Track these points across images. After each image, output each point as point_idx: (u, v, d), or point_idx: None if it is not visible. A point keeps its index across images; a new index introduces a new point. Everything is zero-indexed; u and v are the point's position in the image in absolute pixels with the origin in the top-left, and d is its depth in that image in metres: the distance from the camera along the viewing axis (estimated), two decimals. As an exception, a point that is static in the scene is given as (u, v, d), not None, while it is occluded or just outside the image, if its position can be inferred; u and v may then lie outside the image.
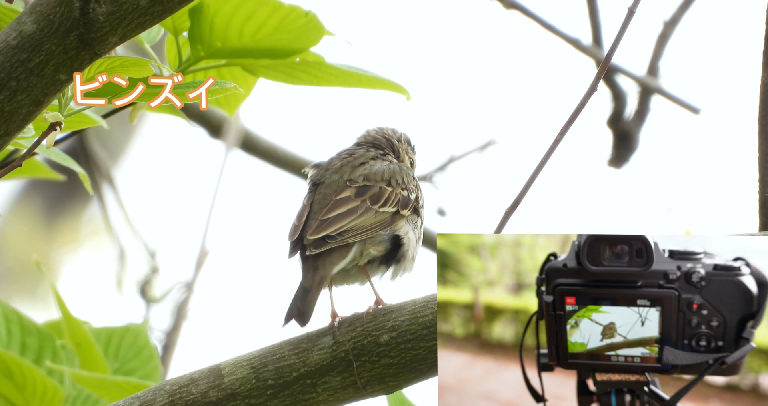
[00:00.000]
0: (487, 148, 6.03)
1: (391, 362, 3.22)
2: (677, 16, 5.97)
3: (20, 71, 3.07)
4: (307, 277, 3.27)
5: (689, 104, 5.78)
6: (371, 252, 3.33)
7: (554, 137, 3.40)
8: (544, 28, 5.63)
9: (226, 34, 3.56)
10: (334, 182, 3.41)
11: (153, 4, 3.08)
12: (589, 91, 3.43)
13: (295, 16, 3.52)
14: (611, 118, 5.86)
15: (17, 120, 3.10)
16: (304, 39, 3.57)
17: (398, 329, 3.23)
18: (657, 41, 5.95)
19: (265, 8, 3.51)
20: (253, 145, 5.75)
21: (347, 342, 3.24)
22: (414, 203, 3.40)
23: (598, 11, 5.75)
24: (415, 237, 3.38)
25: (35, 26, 3.07)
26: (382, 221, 3.35)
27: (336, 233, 3.31)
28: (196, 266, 5.52)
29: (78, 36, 3.08)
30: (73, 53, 3.08)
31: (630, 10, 3.49)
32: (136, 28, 3.10)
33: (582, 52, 5.67)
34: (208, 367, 3.25)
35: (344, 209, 3.34)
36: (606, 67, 3.43)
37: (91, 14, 3.07)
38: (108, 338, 4.01)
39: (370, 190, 3.38)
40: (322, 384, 3.22)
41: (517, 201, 3.34)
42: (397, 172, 3.43)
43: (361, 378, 3.23)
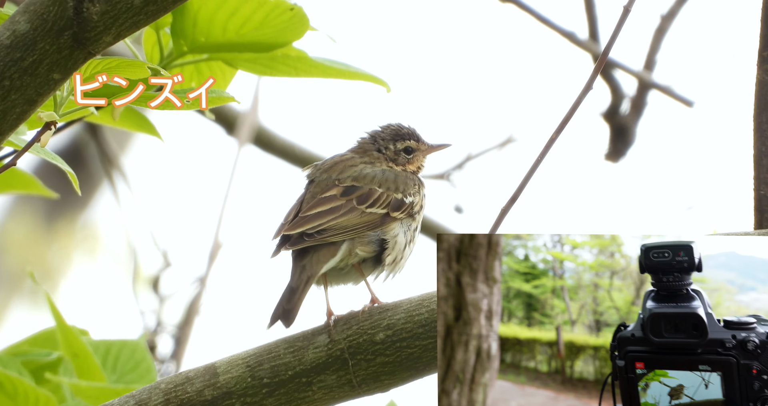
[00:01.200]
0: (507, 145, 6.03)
1: (387, 360, 3.22)
2: (674, 10, 5.96)
3: (14, 70, 3.07)
4: (294, 276, 3.27)
5: (683, 97, 5.78)
6: (358, 252, 3.32)
7: (550, 135, 3.40)
8: (540, 21, 5.63)
9: (210, 29, 3.54)
10: (323, 181, 3.40)
11: (147, 4, 3.07)
12: (585, 89, 3.42)
13: (281, 10, 3.50)
14: (608, 112, 5.85)
15: (11, 119, 3.09)
16: (289, 33, 3.55)
17: (394, 327, 3.23)
18: (654, 35, 5.93)
19: (250, 4, 3.50)
20: (270, 142, 5.74)
21: (343, 341, 3.24)
22: (408, 207, 3.38)
23: (595, 4, 5.74)
24: (405, 241, 3.36)
25: (29, 25, 3.06)
26: (369, 221, 3.33)
27: (314, 230, 3.29)
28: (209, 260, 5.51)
29: (72, 35, 3.07)
30: (66, 52, 3.08)
31: (626, 8, 3.48)
32: (131, 27, 3.10)
33: (578, 46, 5.65)
34: (204, 365, 3.25)
35: (326, 207, 3.33)
36: (602, 65, 3.42)
37: (85, 13, 3.06)
38: (106, 351, 4.00)
39: (358, 191, 3.37)
40: (318, 383, 3.22)
41: (513, 198, 3.33)
42: (391, 179, 3.41)
43: (357, 377, 3.22)
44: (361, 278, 3.34)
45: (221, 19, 3.52)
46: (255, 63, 3.63)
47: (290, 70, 3.64)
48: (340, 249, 3.30)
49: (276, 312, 3.23)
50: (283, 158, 5.71)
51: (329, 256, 3.30)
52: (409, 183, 3.41)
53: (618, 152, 5.89)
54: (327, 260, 3.30)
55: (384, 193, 3.37)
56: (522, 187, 3.33)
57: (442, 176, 5.91)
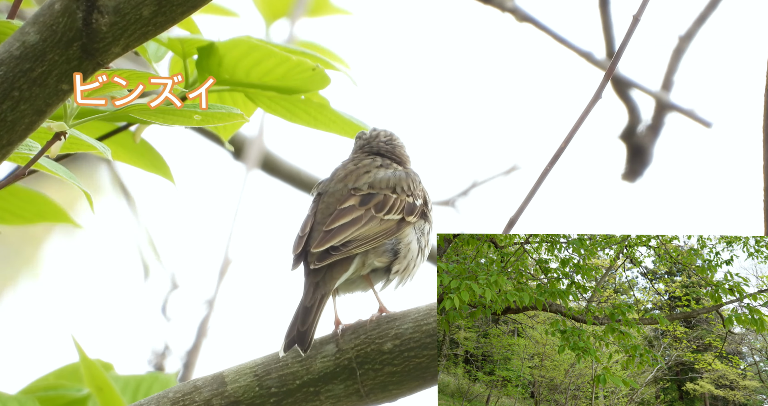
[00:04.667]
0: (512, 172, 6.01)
1: (395, 370, 3.21)
2: (692, 31, 5.95)
3: (23, 81, 3.09)
4: (308, 294, 3.25)
5: (702, 118, 5.76)
6: (374, 263, 3.30)
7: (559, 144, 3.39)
8: (557, 41, 5.63)
9: (234, 71, 3.57)
10: (338, 191, 3.38)
11: (155, 15, 3.09)
12: (594, 98, 3.41)
13: (302, 68, 3.52)
14: (625, 132, 5.84)
15: (20, 130, 3.11)
16: (310, 86, 3.57)
17: (402, 337, 3.22)
18: (672, 56, 5.92)
19: (274, 59, 3.52)
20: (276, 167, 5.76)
21: (351, 350, 3.23)
22: (421, 207, 3.37)
23: (612, 25, 5.74)
24: (418, 247, 3.34)
25: (38, 36, 3.08)
26: (387, 229, 3.32)
27: (340, 243, 3.28)
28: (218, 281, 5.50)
29: (81, 46, 3.09)
30: (75, 63, 3.09)
31: (635, 17, 3.48)
32: (139, 38, 3.11)
33: (595, 66, 5.65)
34: (212, 375, 3.25)
35: (348, 218, 3.31)
36: (611, 73, 3.42)
37: (94, 24, 3.08)
38: (136, 386, 3.99)
39: (375, 198, 3.36)
40: (326, 392, 3.21)
41: (521, 208, 3.32)
42: (403, 178, 3.40)
43: (365, 386, 3.21)
44: (369, 287, 3.33)
45: (245, 66, 3.55)
46: (276, 104, 3.65)
47: (310, 119, 3.66)
48: (352, 263, 3.29)
49: (290, 334, 3.21)
50: (290, 183, 5.73)
51: (342, 271, 3.28)
52: (415, 181, 3.41)
53: (635, 172, 5.87)
54: (340, 275, 3.28)
55: (398, 199, 3.36)
56: (530, 198, 3.32)
57: (447, 203, 5.90)
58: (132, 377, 3.99)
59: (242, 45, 3.53)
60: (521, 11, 5.59)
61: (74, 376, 3.98)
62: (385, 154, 3.48)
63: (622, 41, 3.45)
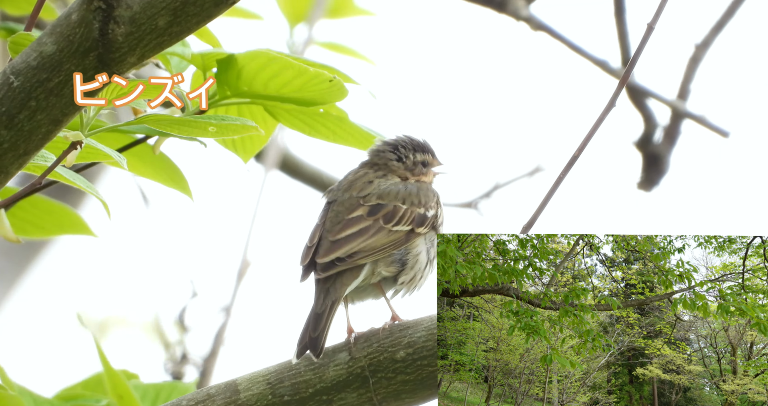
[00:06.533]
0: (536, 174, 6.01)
1: (408, 378, 3.22)
2: (709, 39, 5.94)
3: (40, 91, 3.11)
4: (319, 301, 3.26)
5: (718, 128, 5.75)
6: (382, 273, 3.31)
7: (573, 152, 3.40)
8: (572, 49, 5.63)
9: (252, 83, 3.58)
10: (346, 200, 3.39)
11: (171, 25, 3.11)
12: (608, 106, 3.42)
13: (320, 80, 3.53)
14: (641, 140, 5.83)
15: (36, 139, 3.13)
16: (327, 98, 3.58)
17: (414, 345, 3.23)
18: (688, 64, 5.92)
19: (291, 71, 3.54)
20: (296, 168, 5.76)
21: (363, 358, 3.24)
22: (432, 219, 3.38)
23: (627, 33, 5.74)
24: (427, 258, 3.35)
25: (55, 47, 3.11)
26: (395, 240, 3.32)
27: (346, 254, 3.28)
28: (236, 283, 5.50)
29: (97, 56, 3.11)
30: (91, 73, 3.12)
31: (649, 25, 3.49)
32: (155, 48, 3.13)
33: (610, 74, 5.65)
34: (225, 382, 3.26)
35: (356, 228, 3.32)
36: (625, 81, 3.43)
37: (110, 35, 3.10)
38: (156, 395, 4.01)
39: (384, 209, 3.36)
40: (338, 400, 3.22)
41: (534, 218, 3.33)
42: (414, 193, 3.40)
43: (378, 395, 3.22)
44: (381, 294, 3.34)
45: (263, 78, 3.57)
46: (296, 117, 3.66)
47: (329, 133, 3.67)
48: (362, 271, 3.30)
49: (302, 341, 3.22)
50: (310, 185, 5.73)
51: (352, 278, 3.29)
52: (430, 195, 3.41)
53: (651, 181, 5.86)
54: (350, 282, 3.29)
55: (408, 210, 3.36)
56: (543, 206, 3.32)
57: (469, 205, 5.90)
58: (151, 386, 4.01)
59: (261, 57, 3.54)
60: (536, 20, 5.60)
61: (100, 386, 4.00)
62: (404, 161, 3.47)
63: (637, 49, 3.45)
